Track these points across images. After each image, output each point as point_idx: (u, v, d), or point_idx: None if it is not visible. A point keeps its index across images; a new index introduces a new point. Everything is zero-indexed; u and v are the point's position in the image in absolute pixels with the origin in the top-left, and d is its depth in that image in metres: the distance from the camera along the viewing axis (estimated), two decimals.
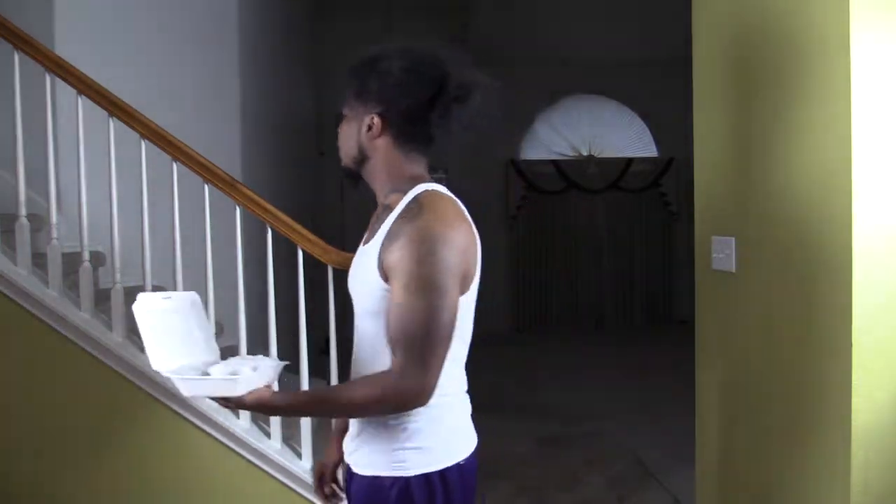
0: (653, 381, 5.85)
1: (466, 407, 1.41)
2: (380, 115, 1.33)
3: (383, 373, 1.26)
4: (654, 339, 7.95)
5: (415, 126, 1.33)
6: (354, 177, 1.42)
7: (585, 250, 8.68)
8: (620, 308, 8.74)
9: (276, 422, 2.69)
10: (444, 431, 1.33)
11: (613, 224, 8.70)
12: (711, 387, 2.26)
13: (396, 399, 1.24)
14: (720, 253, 2.12)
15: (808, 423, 1.78)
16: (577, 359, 7.02)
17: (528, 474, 3.86)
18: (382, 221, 1.32)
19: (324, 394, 1.45)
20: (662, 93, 7.93)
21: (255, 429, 2.71)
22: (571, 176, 8.54)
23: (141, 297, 1.37)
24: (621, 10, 7.35)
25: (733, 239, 2.06)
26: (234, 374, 1.28)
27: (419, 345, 1.21)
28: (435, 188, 1.34)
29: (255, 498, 2.67)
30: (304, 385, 2.70)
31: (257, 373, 1.30)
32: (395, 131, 1.34)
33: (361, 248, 1.38)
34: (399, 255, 1.23)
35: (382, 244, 1.27)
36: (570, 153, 8.64)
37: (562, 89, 8.42)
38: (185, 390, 1.30)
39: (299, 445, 2.70)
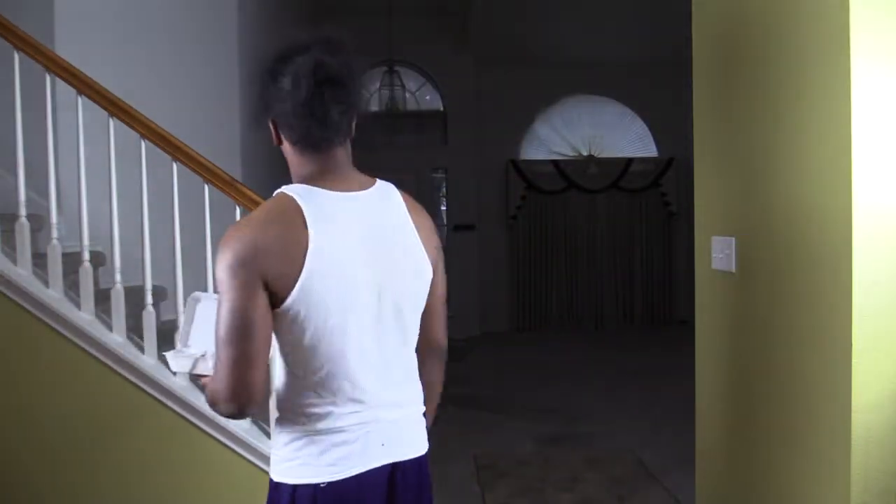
0: (653, 380, 5.86)
1: (332, 428, 1.31)
2: (272, 121, 1.38)
3: None
4: (654, 339, 7.95)
5: (284, 125, 1.35)
6: None
7: (585, 250, 8.68)
8: (620, 308, 8.74)
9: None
10: (300, 447, 1.32)
11: (613, 224, 8.70)
12: (711, 387, 2.26)
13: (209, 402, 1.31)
14: (720, 253, 2.12)
15: (808, 422, 1.78)
16: (577, 359, 7.02)
17: (528, 474, 3.86)
18: None
19: None
20: (662, 93, 7.94)
21: (255, 429, 2.71)
22: (571, 176, 8.54)
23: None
24: (621, 11, 7.36)
25: (733, 239, 2.06)
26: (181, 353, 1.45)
27: (217, 353, 1.27)
28: (283, 190, 1.33)
29: (255, 497, 2.67)
30: None
31: (201, 359, 1.41)
32: (284, 134, 1.37)
33: None
34: None
35: None
36: (570, 153, 8.64)
37: (562, 89, 8.43)
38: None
39: None
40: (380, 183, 1.43)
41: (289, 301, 1.25)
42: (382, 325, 1.35)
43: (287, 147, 1.38)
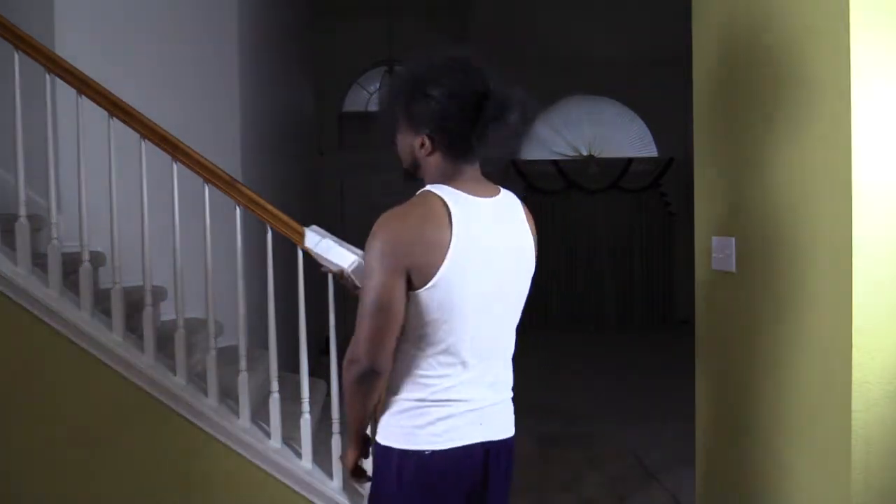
0: (653, 380, 5.86)
1: (456, 406, 1.48)
2: (429, 136, 1.47)
3: None
4: (654, 339, 7.95)
5: (459, 144, 1.47)
6: (413, 177, 1.57)
7: (585, 250, 8.68)
8: (620, 308, 8.74)
9: (276, 422, 2.69)
10: (414, 417, 1.46)
11: (613, 224, 8.70)
12: (711, 386, 2.26)
13: (345, 365, 1.44)
14: (720, 253, 2.12)
15: (808, 422, 1.79)
16: (577, 359, 7.02)
17: (528, 474, 3.86)
18: None
19: None
20: (662, 93, 7.93)
21: (256, 429, 2.71)
22: (571, 176, 8.54)
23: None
24: (622, 11, 7.35)
25: (733, 239, 2.06)
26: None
27: (357, 320, 1.42)
28: (431, 189, 1.47)
29: (255, 498, 2.67)
30: (304, 384, 2.70)
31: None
32: (443, 149, 1.48)
33: None
34: None
35: None
36: (571, 153, 8.64)
37: (562, 89, 8.43)
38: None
39: (299, 445, 2.70)
40: (503, 191, 1.58)
41: (427, 287, 1.40)
42: (499, 318, 1.52)
43: (439, 157, 1.49)
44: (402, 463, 1.46)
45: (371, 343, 1.40)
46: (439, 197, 1.44)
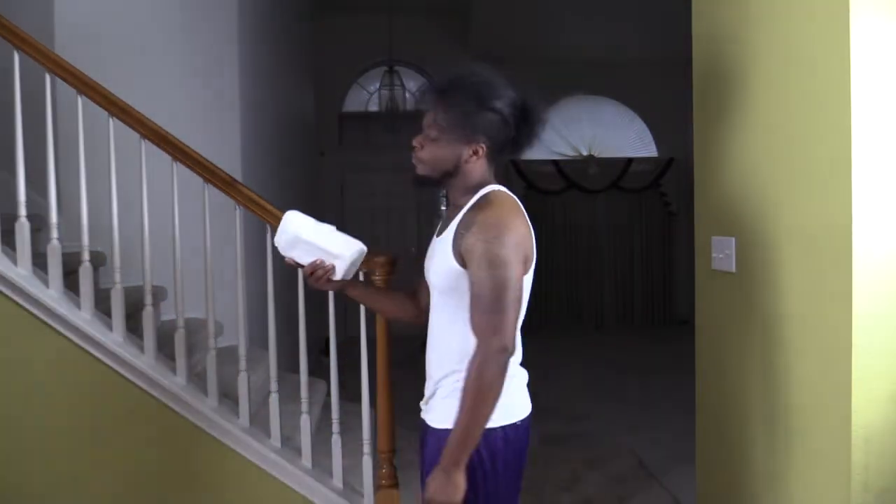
0: (653, 381, 5.86)
1: (524, 375, 1.70)
2: (486, 144, 1.61)
3: (475, 348, 1.50)
4: (654, 339, 7.95)
5: (504, 148, 1.64)
6: (430, 184, 1.68)
7: (585, 250, 8.68)
8: (620, 308, 8.74)
9: (276, 422, 2.69)
10: (506, 394, 1.53)
11: (613, 224, 8.70)
12: (711, 387, 2.26)
13: (490, 357, 1.47)
14: (720, 253, 2.12)
15: (807, 422, 1.79)
16: (578, 358, 7.02)
17: (528, 474, 3.85)
18: (453, 217, 1.61)
19: (461, 411, 1.52)
20: (662, 93, 7.94)
21: (256, 428, 2.71)
22: (571, 176, 8.54)
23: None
24: (621, 10, 7.36)
25: (733, 239, 2.06)
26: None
27: (492, 308, 1.47)
28: (501, 188, 1.64)
29: (255, 497, 2.67)
30: (304, 384, 2.71)
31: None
32: (492, 154, 1.64)
33: (436, 239, 1.68)
34: (472, 240, 1.51)
35: (456, 233, 1.56)
36: (570, 153, 8.64)
37: (562, 89, 8.43)
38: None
39: (299, 445, 2.70)
40: None
41: (528, 274, 1.59)
42: None
43: (484, 162, 1.64)
44: (508, 437, 1.59)
45: (515, 330, 1.51)
46: (512, 196, 1.62)
